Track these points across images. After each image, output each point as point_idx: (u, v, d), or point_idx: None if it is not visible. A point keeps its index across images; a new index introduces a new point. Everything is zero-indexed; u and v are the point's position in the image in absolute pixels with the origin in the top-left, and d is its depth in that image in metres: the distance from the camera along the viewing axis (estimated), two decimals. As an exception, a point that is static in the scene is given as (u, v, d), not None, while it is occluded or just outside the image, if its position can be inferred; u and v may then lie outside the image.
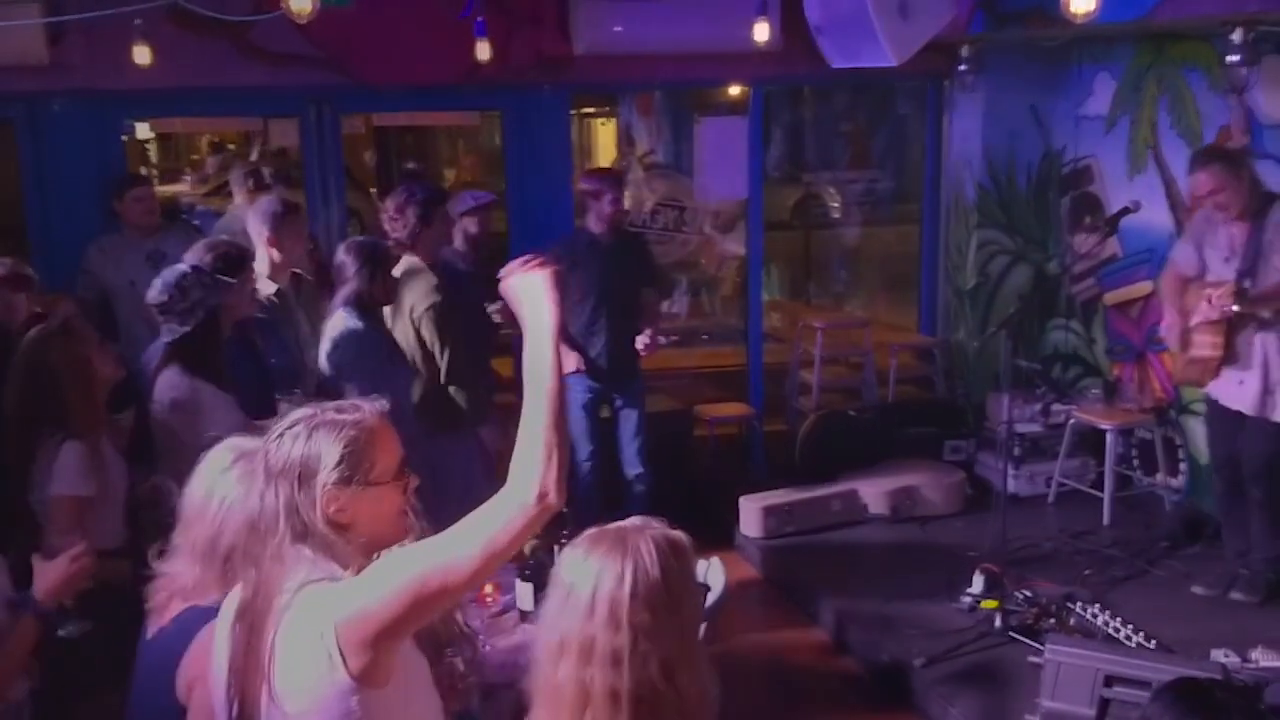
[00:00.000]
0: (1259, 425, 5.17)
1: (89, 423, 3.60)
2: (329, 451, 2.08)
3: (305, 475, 2.07)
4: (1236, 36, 5.43)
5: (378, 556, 2.09)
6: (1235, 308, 5.01)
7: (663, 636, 1.91)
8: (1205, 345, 5.20)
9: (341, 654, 1.97)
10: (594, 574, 1.92)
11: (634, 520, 2.03)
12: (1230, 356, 5.15)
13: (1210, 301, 5.07)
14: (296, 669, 2.01)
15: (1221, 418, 5.37)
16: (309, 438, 2.10)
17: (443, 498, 2.37)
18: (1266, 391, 5.09)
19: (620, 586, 1.90)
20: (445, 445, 4.89)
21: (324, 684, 1.98)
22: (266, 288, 4.79)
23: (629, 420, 6.16)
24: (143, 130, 9.72)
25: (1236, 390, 5.20)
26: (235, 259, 4.37)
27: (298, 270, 5.10)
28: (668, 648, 1.91)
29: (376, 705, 2.02)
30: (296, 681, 2.01)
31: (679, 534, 2.02)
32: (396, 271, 5.03)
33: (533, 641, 2.02)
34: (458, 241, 5.77)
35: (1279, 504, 5.28)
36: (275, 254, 4.87)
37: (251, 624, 2.07)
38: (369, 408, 2.18)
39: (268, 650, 2.03)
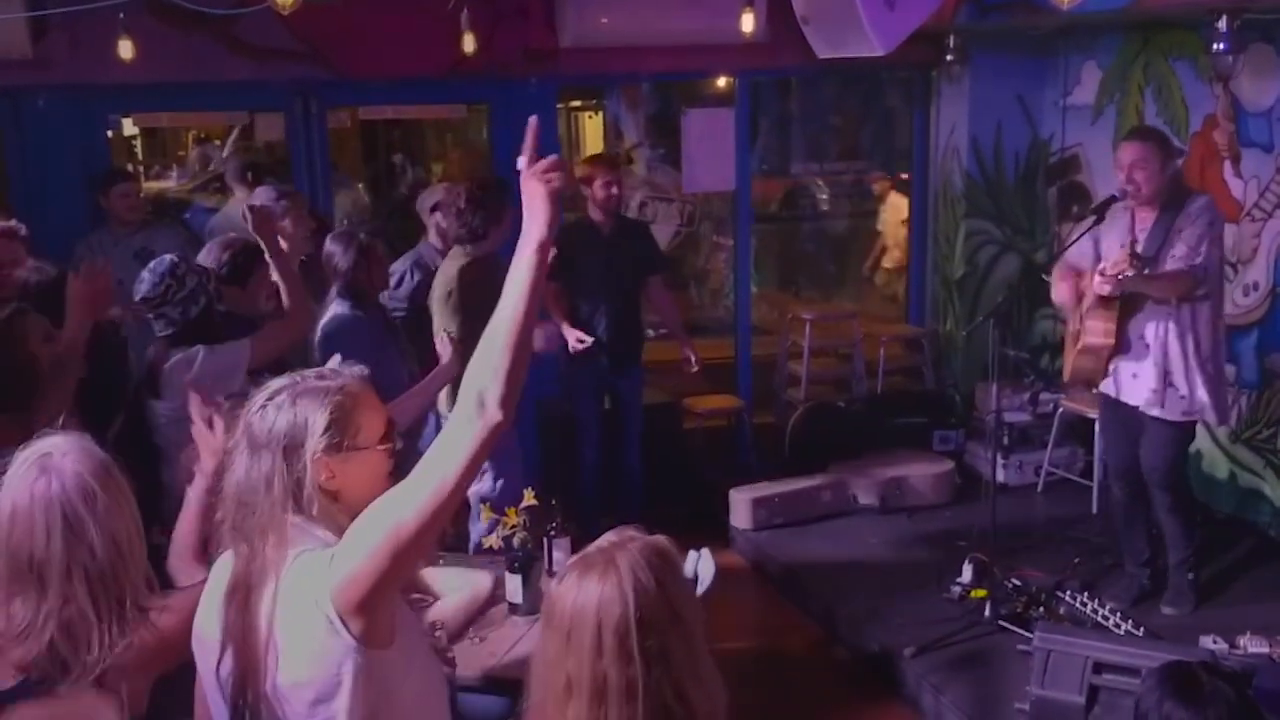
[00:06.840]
0: (1159, 428, 4.93)
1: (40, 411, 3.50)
2: (316, 419, 2.06)
3: (293, 444, 2.05)
4: (1222, 25, 5.44)
5: None
6: (1130, 273, 4.68)
7: (672, 655, 1.84)
8: (1098, 332, 4.93)
9: (342, 619, 1.96)
10: (594, 607, 1.83)
11: (611, 536, 1.94)
12: (1121, 345, 4.92)
13: (1104, 273, 4.74)
14: (299, 638, 2.01)
15: (1119, 419, 5.13)
16: (294, 406, 2.07)
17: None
18: (1167, 385, 4.85)
19: (625, 615, 1.81)
20: None
21: (328, 650, 1.98)
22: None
23: (629, 409, 6.17)
24: (128, 126, 9.67)
25: (1131, 384, 4.97)
26: (254, 254, 4.35)
27: (304, 257, 5.08)
28: (678, 666, 1.84)
29: (380, 667, 2.01)
30: (300, 650, 2.01)
31: (661, 539, 1.95)
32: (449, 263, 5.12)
33: (528, 683, 1.91)
34: (432, 236, 5.79)
35: (1188, 504, 5.16)
36: (282, 242, 4.86)
37: (245, 598, 2.05)
38: (349, 373, 2.17)
39: (265, 622, 2.02)
